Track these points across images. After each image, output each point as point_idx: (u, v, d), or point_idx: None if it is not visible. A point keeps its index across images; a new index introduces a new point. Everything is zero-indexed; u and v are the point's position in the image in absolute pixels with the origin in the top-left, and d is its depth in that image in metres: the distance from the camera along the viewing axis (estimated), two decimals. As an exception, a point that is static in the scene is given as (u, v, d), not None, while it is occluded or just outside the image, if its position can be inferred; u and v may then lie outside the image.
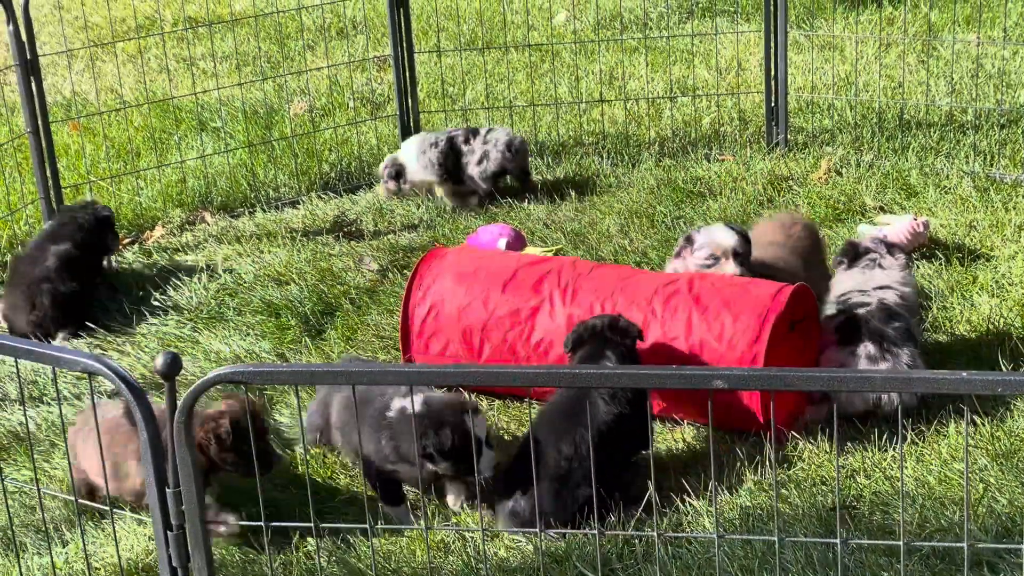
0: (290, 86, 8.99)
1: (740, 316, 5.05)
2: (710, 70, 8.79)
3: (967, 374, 2.84)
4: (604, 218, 7.02)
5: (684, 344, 5.10)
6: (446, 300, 5.47)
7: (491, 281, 5.47)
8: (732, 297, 5.14)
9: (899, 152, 7.45)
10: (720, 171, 7.44)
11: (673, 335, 5.12)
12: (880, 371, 4.19)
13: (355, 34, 10.06)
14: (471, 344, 5.40)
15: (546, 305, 5.33)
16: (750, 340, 4.99)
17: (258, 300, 6.42)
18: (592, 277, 5.41)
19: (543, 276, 5.43)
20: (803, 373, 2.84)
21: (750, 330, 5.00)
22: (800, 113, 8.05)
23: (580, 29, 9.89)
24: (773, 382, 2.84)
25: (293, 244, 7.03)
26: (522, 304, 5.36)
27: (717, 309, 5.09)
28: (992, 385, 2.85)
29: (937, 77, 8.33)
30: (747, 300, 5.11)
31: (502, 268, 5.53)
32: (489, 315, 5.39)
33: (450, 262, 5.60)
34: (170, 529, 3.36)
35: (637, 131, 8.06)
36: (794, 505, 4.69)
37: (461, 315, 5.43)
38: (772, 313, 5.02)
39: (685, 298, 5.18)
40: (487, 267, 5.57)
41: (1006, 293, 6.00)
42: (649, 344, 5.12)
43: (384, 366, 3.58)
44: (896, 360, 5.08)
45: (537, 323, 5.31)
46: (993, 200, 6.83)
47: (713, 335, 5.05)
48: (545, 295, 5.36)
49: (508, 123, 8.12)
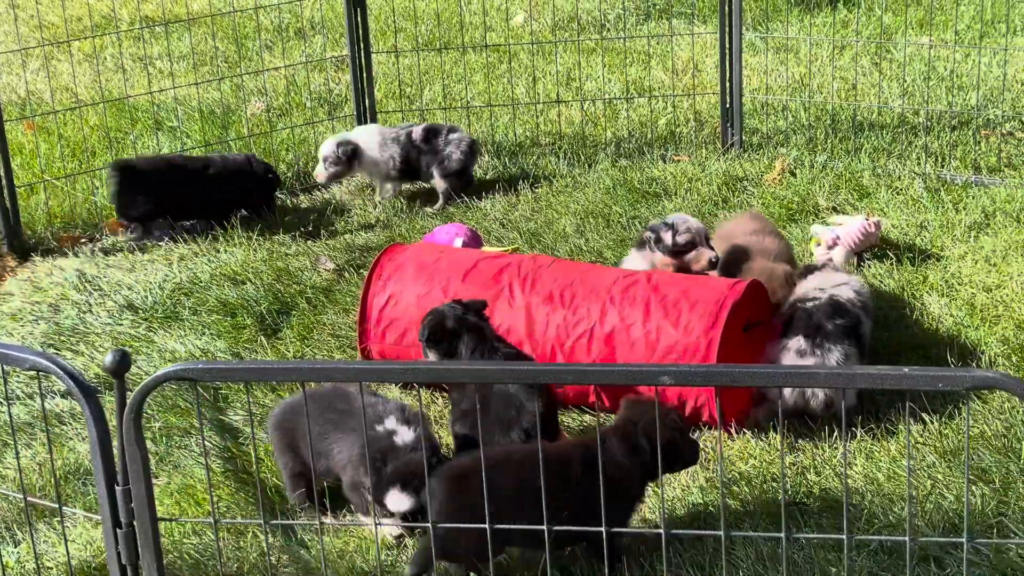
0: (247, 86, 8.97)
1: (697, 304, 5.13)
2: (666, 71, 8.84)
3: (908, 370, 2.88)
4: (560, 218, 7.05)
5: (641, 330, 5.16)
6: (405, 290, 5.54)
7: (451, 271, 5.54)
8: (690, 287, 5.24)
9: (852, 153, 7.52)
10: (676, 171, 7.48)
11: (630, 321, 5.19)
12: (822, 367, 4.23)
13: (313, 34, 10.05)
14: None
15: (505, 293, 5.40)
16: (706, 326, 5.05)
17: (214, 299, 6.41)
18: (552, 269, 5.50)
19: (503, 268, 5.52)
20: (747, 369, 2.87)
21: (707, 316, 5.07)
22: (755, 114, 8.11)
23: (538, 30, 9.92)
24: (718, 378, 2.87)
25: (249, 243, 7.02)
26: (481, 293, 5.40)
27: (675, 297, 5.18)
28: (932, 380, 2.89)
29: (890, 79, 8.42)
30: (705, 290, 5.21)
31: (463, 260, 5.63)
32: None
33: (411, 254, 5.68)
34: (119, 527, 3.35)
35: (593, 132, 8.10)
36: (745, 501, 4.73)
37: (420, 303, 5.47)
38: (729, 300, 5.11)
39: (644, 287, 5.27)
40: (448, 259, 5.64)
41: (955, 293, 6.07)
42: (607, 330, 5.19)
43: (334, 363, 3.59)
44: (826, 356, 5.10)
45: (496, 310, 5.37)
46: (944, 201, 6.91)
47: (670, 320, 5.12)
48: (504, 284, 5.43)
49: (465, 123, 8.13)
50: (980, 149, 7.45)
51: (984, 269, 6.24)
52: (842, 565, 4.33)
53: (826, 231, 6.44)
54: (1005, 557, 4.29)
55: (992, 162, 7.30)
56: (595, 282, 5.36)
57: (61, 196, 7.55)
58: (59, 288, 6.71)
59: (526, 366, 3.18)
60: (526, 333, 5.33)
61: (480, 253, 5.73)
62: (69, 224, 7.39)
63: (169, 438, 5.40)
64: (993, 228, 6.61)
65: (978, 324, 5.78)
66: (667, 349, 5.10)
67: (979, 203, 6.85)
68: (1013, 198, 6.85)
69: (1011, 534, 4.43)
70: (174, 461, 5.28)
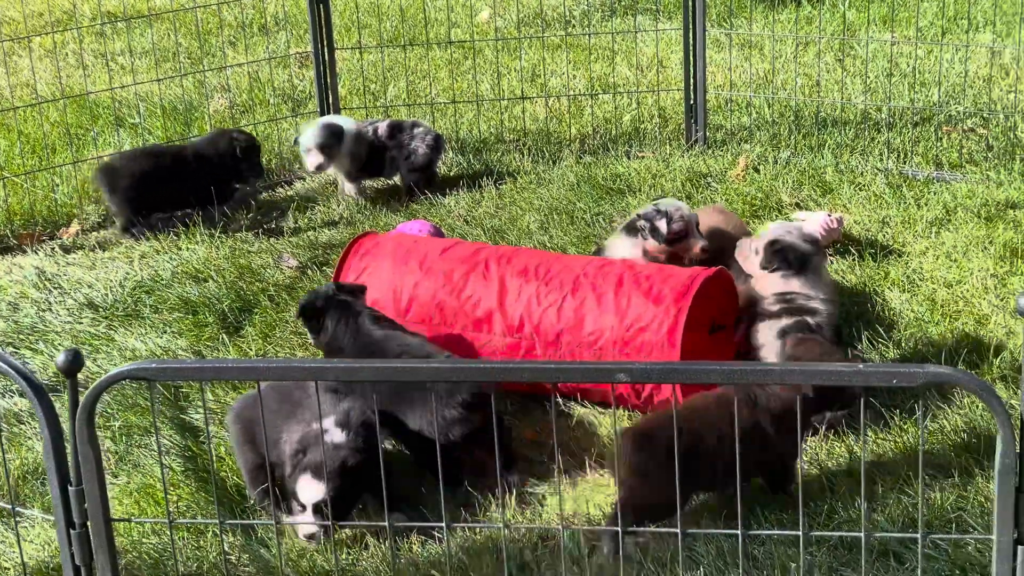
0: (210, 82, 8.92)
1: (670, 277, 5.24)
2: (631, 68, 8.84)
3: (863, 366, 2.89)
4: (524, 214, 7.04)
5: (612, 301, 5.22)
6: (382, 265, 5.65)
7: (429, 249, 5.69)
8: (664, 267, 5.44)
9: (815, 149, 7.54)
10: (640, 168, 7.48)
11: (602, 291, 5.26)
12: (780, 364, 4.24)
13: (276, 30, 10.00)
14: (398, 300, 5.57)
15: (480, 267, 5.51)
16: (677, 294, 5.13)
17: (175, 297, 6.36)
18: (528, 252, 5.69)
19: (481, 247, 5.69)
20: (703, 366, 2.87)
21: (679, 286, 5.16)
22: (719, 111, 8.12)
23: (503, 27, 9.90)
24: (674, 375, 2.87)
25: (212, 241, 6.98)
26: (457, 266, 5.53)
27: (648, 273, 5.31)
28: (887, 377, 2.90)
29: (853, 76, 8.45)
30: (679, 270, 5.36)
31: (441, 243, 5.80)
32: (423, 275, 5.57)
33: (390, 237, 5.86)
34: (72, 527, 3.32)
35: (558, 128, 8.09)
36: (709, 496, 4.74)
37: (394, 276, 5.60)
38: (702, 275, 5.21)
39: (619, 266, 5.41)
40: (426, 242, 5.82)
41: (917, 288, 6.10)
42: (578, 302, 5.26)
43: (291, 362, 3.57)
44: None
45: (470, 282, 5.48)
46: (906, 197, 6.94)
47: (642, 290, 5.19)
48: (481, 260, 5.55)
49: (429, 120, 8.11)
50: (942, 145, 7.49)
51: (945, 265, 6.26)
52: (802, 560, 4.34)
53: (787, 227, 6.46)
54: (963, 552, 4.31)
55: (954, 158, 7.34)
56: (571, 262, 5.51)
57: (20, 193, 7.49)
58: (18, 286, 6.66)
59: (480, 363, 3.17)
60: (497, 302, 5.40)
61: (457, 240, 5.91)
62: (29, 222, 7.32)
63: (129, 437, 5.37)
64: (954, 224, 6.64)
65: (939, 320, 5.81)
66: (636, 318, 5.15)
67: (940, 199, 6.87)
68: (974, 194, 6.89)
69: (970, 529, 4.45)
70: (134, 460, 5.25)
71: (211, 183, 7.16)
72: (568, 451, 5.10)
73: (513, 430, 5.17)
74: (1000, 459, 2.93)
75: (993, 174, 7.11)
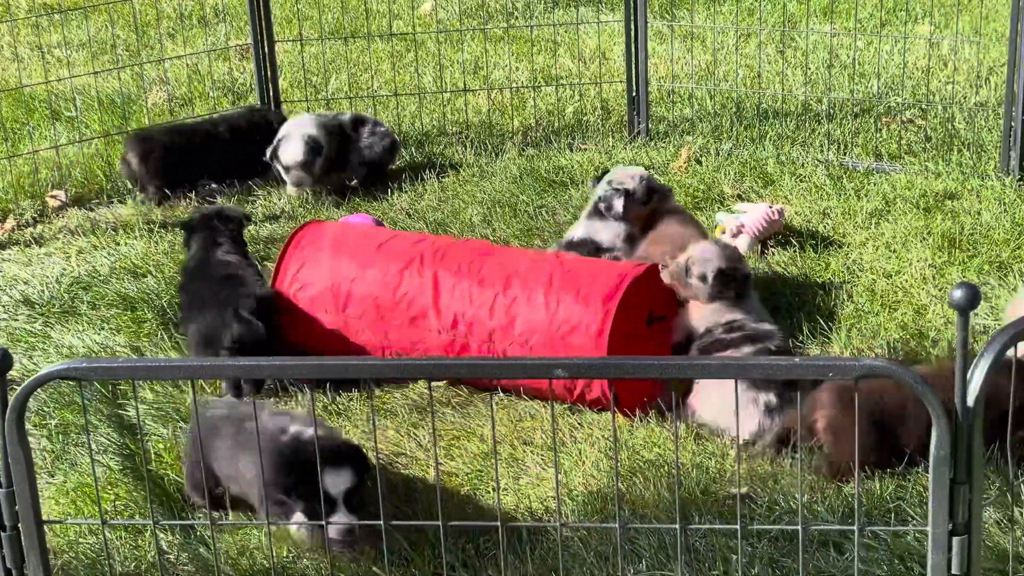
0: (148, 75, 8.82)
1: (599, 276, 5.25)
2: (574, 59, 8.83)
3: (799, 359, 2.89)
4: (467, 207, 7.02)
5: (542, 301, 5.24)
6: (321, 258, 5.64)
7: (367, 241, 5.68)
8: (596, 264, 5.47)
9: (756, 141, 7.57)
10: (582, 160, 7.48)
11: (533, 291, 5.28)
12: (716, 359, 4.24)
13: (216, 22, 9.91)
14: (337, 296, 5.56)
15: (416, 263, 5.50)
16: (606, 296, 5.15)
17: (113, 293, 6.29)
18: (465, 245, 5.66)
19: (417, 240, 5.67)
20: (639, 361, 2.86)
21: (607, 288, 5.18)
22: (661, 102, 8.13)
23: (445, 18, 9.86)
24: (610, 371, 2.86)
25: (151, 236, 6.90)
26: (393, 262, 5.53)
27: (578, 271, 5.32)
28: (823, 370, 2.90)
29: (794, 67, 8.48)
30: (609, 267, 5.39)
31: (379, 235, 5.78)
32: (359, 271, 5.56)
33: (329, 229, 5.82)
34: (3, 530, 3.26)
35: (501, 121, 8.07)
36: (654, 491, 4.74)
37: (332, 269, 5.60)
38: (631, 275, 5.23)
39: (551, 263, 5.41)
40: (364, 235, 5.79)
41: (857, 279, 6.14)
42: (509, 300, 5.28)
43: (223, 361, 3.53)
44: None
45: (405, 279, 5.48)
46: (846, 188, 6.98)
47: (571, 290, 5.23)
48: (416, 255, 5.54)
49: (371, 113, 8.06)
50: (881, 136, 7.53)
51: (884, 255, 6.31)
52: (744, 552, 4.36)
53: (731, 219, 6.48)
54: (902, 541, 4.33)
55: (893, 149, 7.39)
56: (505, 258, 5.49)
57: (-45, 188, 7.38)
58: (-48, 283, 6.56)
59: (418, 361, 3.14)
60: (432, 301, 5.41)
61: (394, 232, 5.92)
62: (-36, 217, 7.22)
63: (66, 435, 5.29)
64: (893, 215, 6.68)
65: (878, 310, 5.85)
66: (565, 319, 5.18)
67: (880, 190, 6.92)
68: (913, 185, 6.94)
69: (908, 519, 4.48)
70: (71, 459, 5.18)
71: (244, 157, 7.29)
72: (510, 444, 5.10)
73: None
74: (935, 451, 2.95)
75: (931, 165, 7.16)
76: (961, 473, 3.02)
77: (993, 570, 4.21)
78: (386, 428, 5.19)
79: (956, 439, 3.00)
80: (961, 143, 7.34)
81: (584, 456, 4.97)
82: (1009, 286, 5.95)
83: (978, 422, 2.99)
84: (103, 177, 7.53)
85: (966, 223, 6.52)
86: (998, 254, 6.23)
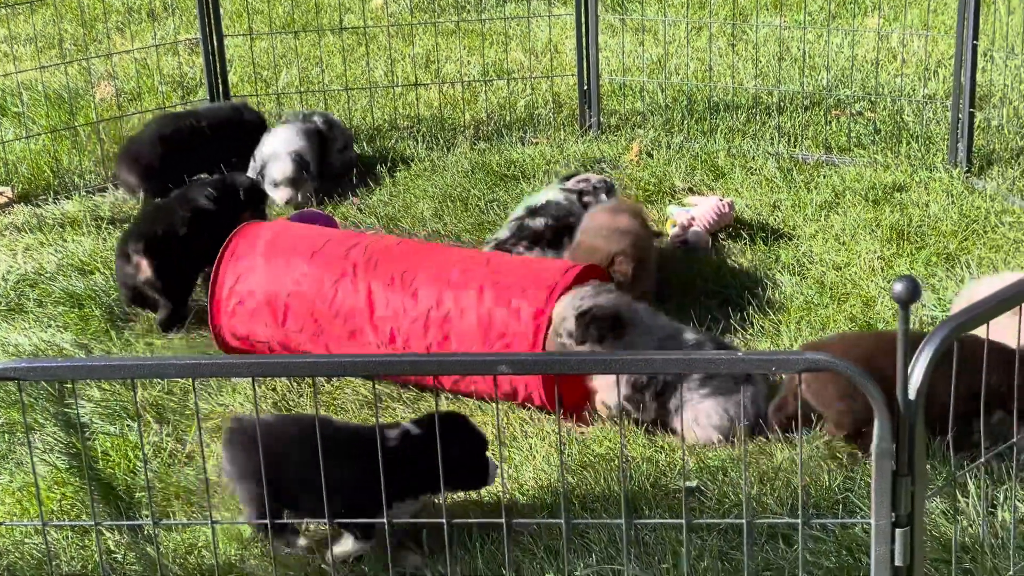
0: (96, 69, 8.73)
1: (530, 288, 5.18)
2: (526, 53, 8.82)
3: (743, 354, 2.89)
4: (418, 202, 6.99)
5: (474, 315, 5.20)
6: (256, 269, 5.55)
7: (302, 249, 5.57)
8: (526, 273, 5.32)
9: (707, 134, 7.59)
10: (534, 154, 7.47)
11: (464, 305, 5.23)
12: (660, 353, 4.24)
13: (165, 16, 9.82)
14: (275, 309, 5.49)
15: (349, 274, 5.43)
16: (537, 311, 5.10)
17: (60, 291, 6.23)
18: (397, 250, 5.54)
19: (351, 247, 5.54)
20: (582, 357, 2.85)
21: (539, 300, 5.13)
22: (613, 96, 8.13)
23: (396, 12, 9.82)
24: (554, 366, 2.85)
25: (99, 232, 6.83)
26: (326, 272, 5.45)
27: (508, 283, 5.24)
28: (766, 364, 2.91)
29: (745, 60, 8.51)
30: (539, 275, 5.28)
31: (315, 239, 5.66)
32: (294, 284, 5.48)
33: (263, 234, 5.69)
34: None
35: (452, 115, 8.04)
36: (604, 485, 4.74)
37: (268, 280, 5.52)
38: (561, 285, 5.16)
39: (481, 271, 5.32)
40: (300, 238, 5.68)
41: (807, 271, 6.16)
42: (443, 314, 5.24)
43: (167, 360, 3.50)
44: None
45: (339, 293, 5.41)
46: (796, 180, 7.01)
47: (502, 306, 5.18)
48: (349, 265, 5.45)
49: (322, 107, 8.02)
50: (831, 129, 7.57)
51: (834, 247, 6.34)
52: (693, 544, 4.37)
53: (681, 212, 6.49)
54: (850, 532, 4.36)
55: (842, 141, 7.43)
56: (436, 266, 5.40)
57: (-102, 185, 7.28)
58: None
59: (364, 358, 3.13)
60: (368, 316, 5.36)
61: (328, 234, 5.73)
62: (-93, 214, 7.12)
63: (12, 435, 5.24)
64: (843, 207, 6.72)
65: (828, 302, 5.87)
66: (499, 334, 5.17)
67: (830, 182, 6.96)
68: (862, 177, 6.98)
69: (856, 510, 4.51)
70: (16, 458, 5.13)
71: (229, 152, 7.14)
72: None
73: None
74: (877, 443, 2.96)
75: (880, 157, 7.20)
76: (904, 466, 3.04)
77: (940, 560, 4.25)
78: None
79: (898, 432, 3.01)
80: (910, 135, 7.38)
81: (535, 451, 4.97)
82: (957, 278, 5.99)
83: (920, 414, 3.01)
84: (50, 173, 7.45)
85: (914, 215, 6.57)
86: (946, 246, 6.28)
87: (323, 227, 6.08)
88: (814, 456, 4.80)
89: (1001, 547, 4.24)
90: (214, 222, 6.00)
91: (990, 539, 4.30)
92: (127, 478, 4.97)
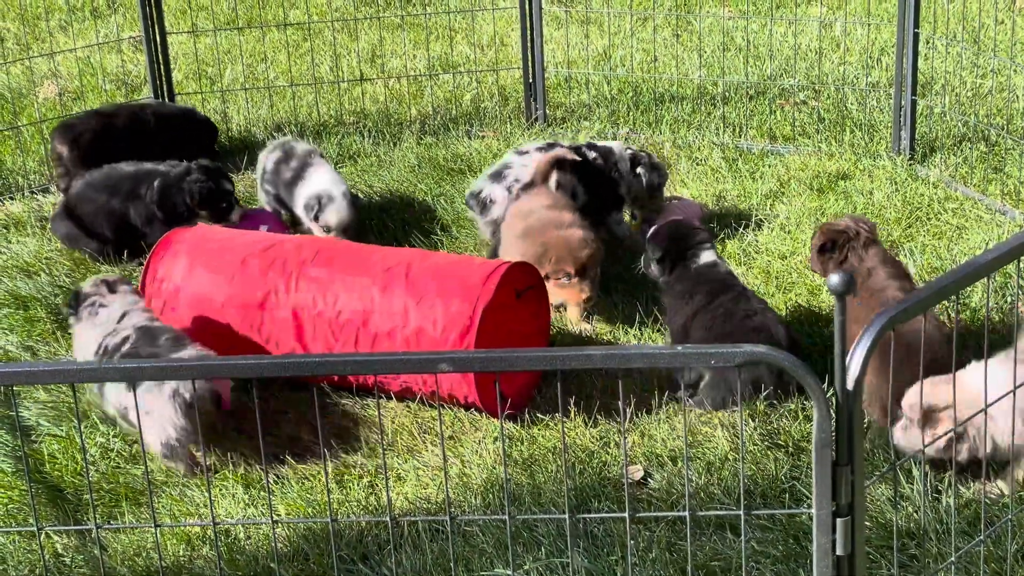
0: (39, 69, 8.65)
1: (450, 308, 5.14)
2: (471, 46, 8.81)
3: (682, 348, 2.92)
4: (365, 198, 6.98)
5: (401, 338, 5.19)
6: (181, 288, 5.52)
7: (223, 269, 5.50)
8: (444, 283, 5.21)
9: (653, 125, 7.62)
10: (481, 148, 7.47)
11: (391, 325, 5.20)
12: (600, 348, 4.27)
13: (109, 14, 9.74)
14: (204, 335, 5.35)
15: (272, 298, 5.39)
16: (463, 330, 5.08)
17: (4, 292, 6.17)
18: (316, 261, 5.42)
19: (270, 265, 5.45)
20: (525, 353, 2.87)
21: (462, 322, 5.08)
22: (559, 88, 8.15)
23: (341, 7, 9.79)
24: (496, 363, 2.87)
25: (43, 233, 6.78)
26: (250, 295, 5.41)
27: (432, 299, 5.18)
28: (705, 357, 2.93)
29: (690, 51, 8.54)
30: (464, 280, 5.20)
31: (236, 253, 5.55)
32: (220, 310, 5.45)
33: (190, 241, 5.64)
34: None
35: (398, 109, 8.03)
36: (551, 479, 4.76)
37: (192, 307, 5.49)
38: (483, 300, 5.11)
39: (401, 285, 5.25)
40: (223, 251, 5.58)
41: (752, 261, 6.21)
42: (373, 332, 5.22)
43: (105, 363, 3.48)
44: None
45: (265, 321, 5.38)
46: (741, 170, 7.05)
47: (428, 323, 5.14)
48: (271, 287, 5.40)
49: (267, 104, 7.99)
50: (775, 118, 7.62)
51: (780, 237, 6.39)
52: (641, 537, 4.40)
53: None
54: (797, 521, 4.40)
55: (787, 131, 7.47)
56: (355, 280, 5.31)
57: None
58: None
59: (307, 358, 3.13)
60: (296, 338, 5.35)
61: (254, 244, 5.61)
62: None
63: (-44, 440, 5.20)
64: (787, 196, 6.77)
65: (773, 292, 5.92)
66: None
67: (775, 172, 7.00)
68: (806, 166, 7.03)
69: (803, 498, 4.55)
70: (-38, 463, 5.09)
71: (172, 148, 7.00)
72: (409, 434, 5.09)
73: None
74: (816, 434, 2.99)
75: (824, 146, 7.26)
76: (843, 455, 3.07)
77: (885, 547, 4.30)
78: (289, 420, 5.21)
79: (838, 421, 3.05)
80: (853, 124, 7.44)
81: (484, 447, 4.99)
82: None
83: (858, 404, 3.04)
84: (-7, 174, 7.39)
85: (859, 203, 6.62)
86: (890, 233, 6.34)
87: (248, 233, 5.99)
88: (760, 446, 4.84)
89: (946, 532, 4.30)
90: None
91: (934, 524, 4.36)
92: (75, 480, 4.94)
